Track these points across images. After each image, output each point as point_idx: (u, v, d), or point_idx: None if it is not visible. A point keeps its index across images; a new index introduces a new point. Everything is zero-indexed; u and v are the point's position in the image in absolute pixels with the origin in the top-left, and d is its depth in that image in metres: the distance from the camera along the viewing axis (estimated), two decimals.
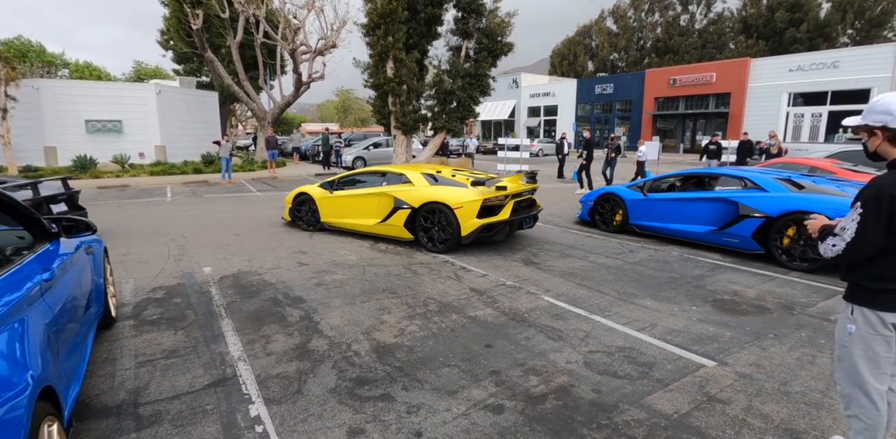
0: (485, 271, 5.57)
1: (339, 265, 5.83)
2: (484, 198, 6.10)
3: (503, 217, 6.28)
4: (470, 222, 6.11)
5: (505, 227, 6.45)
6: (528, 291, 4.84)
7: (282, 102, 23.28)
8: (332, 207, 7.49)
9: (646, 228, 7.45)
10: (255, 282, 5.15)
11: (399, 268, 5.72)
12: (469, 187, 6.28)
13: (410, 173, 6.91)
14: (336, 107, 75.48)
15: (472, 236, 6.19)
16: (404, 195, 6.62)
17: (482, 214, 6.15)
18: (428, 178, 6.73)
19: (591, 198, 8.42)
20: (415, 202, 6.47)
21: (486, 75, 18.19)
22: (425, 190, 6.53)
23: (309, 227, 7.82)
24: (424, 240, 6.55)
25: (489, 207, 6.20)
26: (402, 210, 6.61)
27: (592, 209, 8.25)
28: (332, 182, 7.67)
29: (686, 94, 35.97)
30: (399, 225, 6.67)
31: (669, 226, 7.07)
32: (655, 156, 17.71)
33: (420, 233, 6.56)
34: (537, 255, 6.33)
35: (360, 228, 7.28)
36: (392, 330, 3.85)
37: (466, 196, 6.15)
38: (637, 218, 7.52)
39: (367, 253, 6.46)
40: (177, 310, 4.33)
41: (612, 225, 7.89)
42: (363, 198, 7.14)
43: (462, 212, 6.11)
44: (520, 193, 6.56)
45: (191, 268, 5.76)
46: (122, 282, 5.17)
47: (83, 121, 20.51)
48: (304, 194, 7.81)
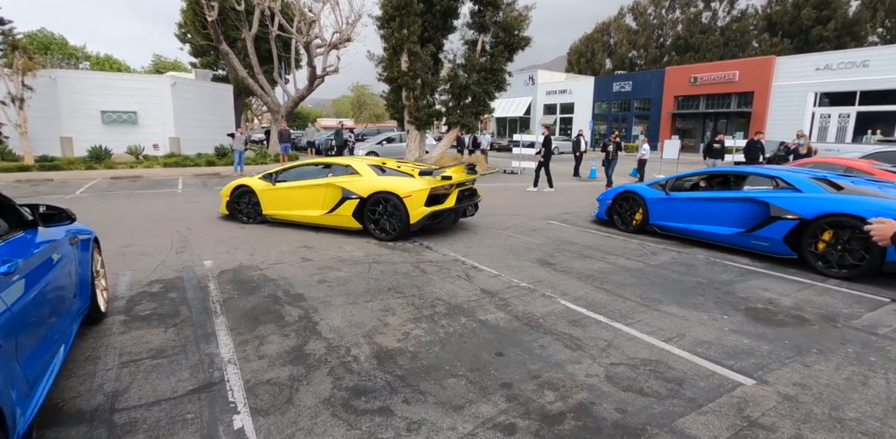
0: (497, 271, 5.26)
1: (344, 261, 5.57)
2: (431, 187, 6.43)
3: (449, 205, 6.67)
4: (418, 210, 6.39)
5: (450, 215, 6.87)
6: (544, 294, 4.52)
7: (296, 96, 23.13)
8: (276, 199, 7.44)
9: (667, 229, 7.09)
10: (255, 278, 4.91)
11: (407, 265, 5.44)
12: (416, 177, 6.58)
13: (357, 164, 7.05)
14: (351, 102, 75.51)
15: (419, 223, 6.48)
16: (352, 185, 6.73)
17: (430, 202, 6.47)
18: (375, 169, 6.93)
19: (608, 196, 8.08)
20: (363, 192, 6.61)
21: (501, 70, 17.81)
22: (373, 180, 6.71)
23: (249, 220, 7.73)
24: (373, 229, 6.73)
25: (436, 196, 6.55)
26: (350, 200, 6.72)
27: (610, 208, 7.92)
28: (272, 174, 7.63)
29: (707, 93, 35.13)
30: (347, 215, 6.77)
31: (693, 228, 6.70)
32: (675, 155, 17.20)
33: (369, 222, 6.72)
34: (553, 256, 5.99)
35: (305, 219, 7.26)
36: (395, 334, 3.57)
37: (414, 185, 6.43)
38: (658, 218, 7.16)
39: (374, 249, 6.19)
40: (171, 306, 4.10)
41: (631, 225, 7.55)
42: (309, 189, 7.15)
43: (410, 200, 6.37)
44: (463, 183, 6.95)
45: (191, 261, 5.54)
46: (119, 275, 4.97)
47: (99, 111, 20.58)
48: (244, 186, 7.70)
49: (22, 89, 17.49)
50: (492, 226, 7.81)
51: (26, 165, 16.70)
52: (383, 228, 6.67)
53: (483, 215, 8.82)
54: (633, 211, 7.53)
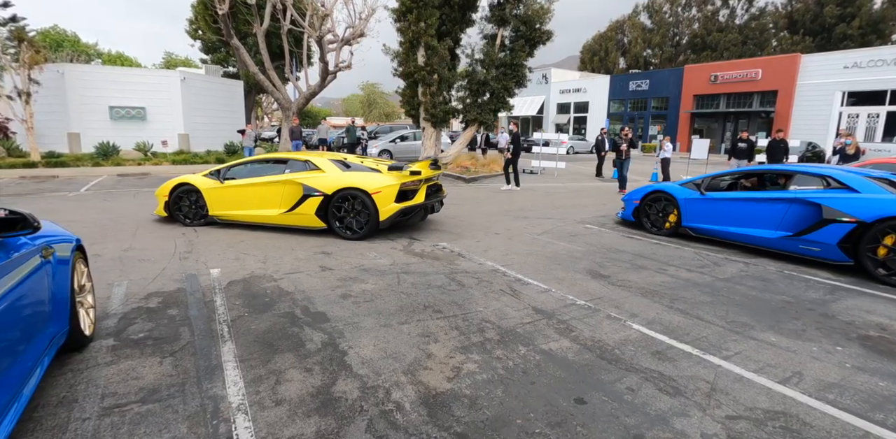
0: (546, 285, 4.57)
1: (368, 271, 4.90)
2: (402, 182, 6.20)
3: (419, 201, 6.44)
4: (388, 207, 6.14)
5: (420, 211, 6.62)
6: (609, 315, 3.82)
7: (307, 92, 22.52)
8: (225, 198, 6.85)
9: (703, 232, 6.51)
10: (268, 291, 4.25)
11: (440, 277, 4.76)
12: (385, 173, 6.33)
13: (318, 160, 6.66)
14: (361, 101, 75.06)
15: (389, 221, 6.23)
16: (314, 182, 6.33)
17: (399, 199, 6.23)
18: (338, 165, 6.56)
19: (636, 196, 7.45)
20: (327, 189, 6.25)
21: (522, 65, 17.07)
22: (338, 176, 6.35)
23: (192, 222, 7.04)
24: (339, 228, 6.36)
25: (405, 192, 6.30)
26: (312, 197, 6.31)
27: (638, 209, 7.30)
28: (219, 171, 6.99)
29: (728, 92, 34.15)
30: (310, 213, 6.36)
31: (732, 230, 6.14)
32: (704, 155, 16.37)
33: (334, 220, 6.36)
34: (604, 266, 5.29)
35: (260, 220, 6.72)
36: (443, 369, 2.89)
37: (384, 181, 6.17)
38: (692, 219, 6.58)
39: (400, 256, 5.52)
40: (170, 327, 3.45)
41: (663, 227, 6.96)
42: (264, 187, 6.65)
43: (380, 197, 6.10)
44: (430, 178, 6.75)
45: (196, 268, 4.90)
46: (114, 285, 4.33)
47: (107, 107, 20.11)
48: (186, 185, 7.01)
49: (28, 83, 17.05)
50: (525, 231, 7.11)
51: (32, 162, 16.25)
52: (350, 227, 6.31)
53: (513, 218, 8.12)
54: (665, 212, 6.97)
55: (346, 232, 6.31)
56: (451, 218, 8.04)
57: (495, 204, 9.81)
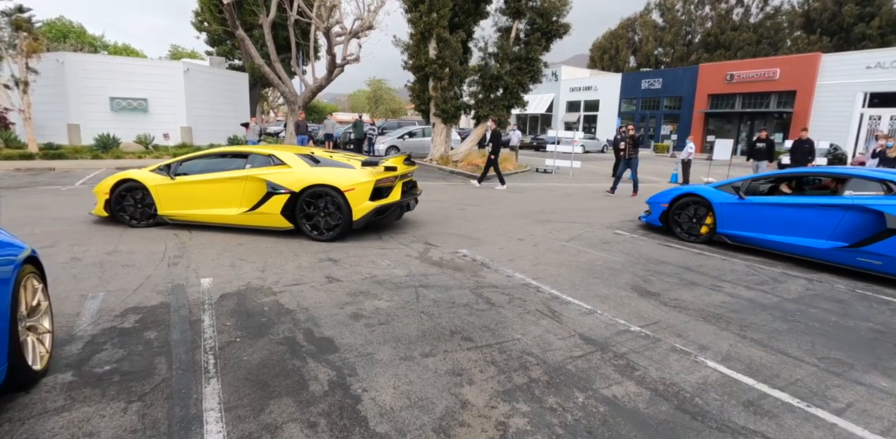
0: (588, 304, 3.93)
1: (381, 283, 4.27)
2: (377, 179, 5.75)
3: (394, 198, 6.01)
4: (362, 205, 5.68)
5: (396, 209, 6.21)
6: (674, 347, 3.18)
7: (314, 86, 21.89)
8: (177, 196, 6.16)
9: (741, 240, 5.99)
10: (266, 307, 3.63)
11: (465, 292, 4.12)
12: (358, 168, 5.85)
13: (283, 154, 6.07)
14: (367, 97, 74.38)
15: (363, 220, 5.76)
16: (280, 178, 5.78)
17: (374, 196, 5.77)
18: (306, 159, 6.01)
19: (663, 199, 6.85)
20: (295, 186, 5.71)
21: (537, 60, 16.38)
22: (307, 172, 5.81)
23: (139, 223, 6.27)
24: (308, 229, 5.83)
25: (380, 189, 5.86)
26: (278, 195, 5.75)
27: (666, 213, 6.73)
28: (169, 166, 6.28)
29: (744, 92, 33.34)
30: (275, 213, 5.79)
31: (776, 239, 5.62)
32: (727, 156, 15.67)
33: (302, 220, 5.82)
34: (649, 281, 4.64)
35: (217, 220, 6.08)
36: (485, 426, 2.26)
37: (357, 177, 5.72)
38: (729, 226, 6.05)
39: (416, 265, 4.88)
40: (144, 356, 2.83)
41: (698, 233, 6.42)
42: (222, 183, 6.02)
43: (354, 194, 5.63)
44: (405, 174, 6.33)
45: (186, 277, 4.28)
46: (88, 297, 3.72)
47: (108, 98, 19.53)
48: (131, 181, 6.25)
49: (26, 72, 16.48)
50: (551, 237, 6.46)
51: (29, 153, 15.70)
52: (320, 227, 5.80)
53: (535, 221, 7.47)
54: (699, 217, 6.42)
55: (316, 232, 5.77)
56: (469, 220, 7.41)
57: (512, 205, 9.17)
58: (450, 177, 14.22)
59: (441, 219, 7.47)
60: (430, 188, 11.42)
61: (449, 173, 15.12)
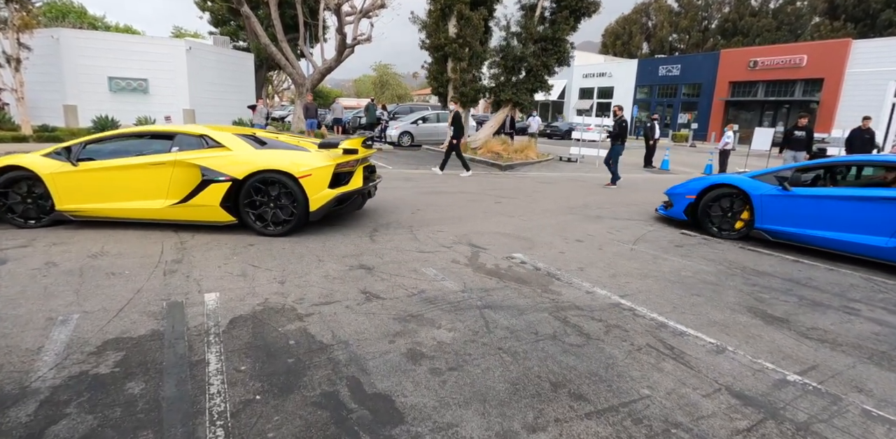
0: (708, 336, 3.01)
1: (433, 302, 3.36)
2: (337, 163, 4.97)
3: (356, 185, 5.25)
4: (321, 194, 4.89)
5: (358, 198, 5.43)
6: (866, 410, 2.26)
7: (322, 67, 20.78)
8: (82, 187, 4.95)
9: (785, 236, 5.37)
10: (292, 341, 2.73)
11: (544, 316, 3.21)
12: (314, 151, 5.08)
13: (220, 135, 5.08)
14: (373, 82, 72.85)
15: (322, 211, 4.98)
16: (218, 163, 4.84)
17: (334, 183, 4.98)
18: (249, 141, 5.11)
19: (689, 190, 6.13)
20: (237, 172, 4.80)
21: (564, 40, 15.25)
22: (251, 156, 4.92)
23: (30, 221, 5.03)
24: (254, 222, 4.97)
25: (339, 175, 5.08)
26: (216, 184, 4.80)
27: (693, 205, 6.08)
28: (69, 149, 5.06)
29: (768, 79, 32.02)
30: (213, 204, 4.85)
31: (827, 236, 5.02)
32: (767, 146, 14.61)
33: (247, 213, 4.94)
34: (763, 300, 3.72)
35: (138, 215, 5.00)
36: None
37: (313, 161, 4.91)
38: (770, 220, 5.42)
39: (470, 276, 3.96)
40: (122, 430, 1.94)
41: (730, 229, 5.78)
42: (141, 170, 4.92)
43: (310, 181, 4.83)
44: (365, 158, 5.61)
45: (186, 291, 3.38)
46: (57, 322, 2.83)
47: (106, 78, 18.50)
48: (16, 169, 4.93)
49: (18, 48, 15.45)
50: (612, 238, 5.53)
51: (23, 136, 14.76)
52: (269, 219, 4.96)
53: (584, 217, 6.53)
54: (734, 210, 5.75)
55: (264, 226, 4.94)
56: (510, 216, 6.47)
57: (549, 198, 8.21)
58: (470, 165, 13.23)
59: (478, 213, 6.54)
60: (454, 178, 10.46)
61: (469, 161, 14.12)
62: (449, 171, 11.05)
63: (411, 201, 7.24)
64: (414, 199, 7.42)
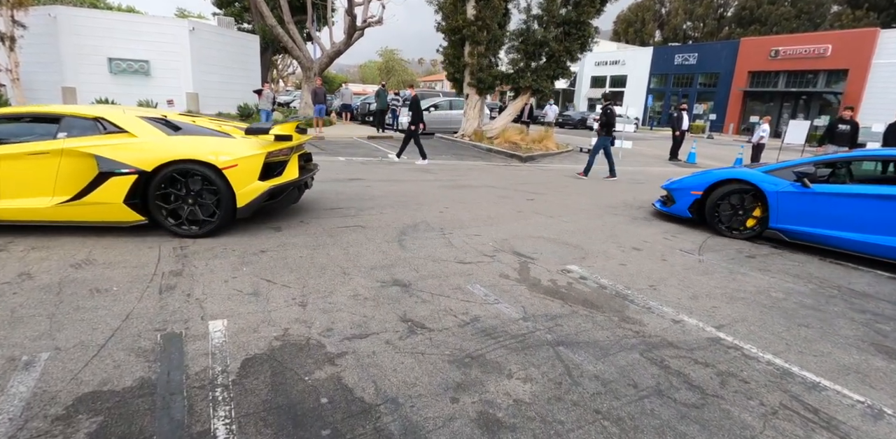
0: (853, 390, 2.36)
1: (493, 336, 2.71)
2: (268, 151, 4.34)
3: (291, 176, 4.61)
4: (250, 187, 4.22)
5: (294, 190, 4.78)
6: None
7: (331, 50, 19.94)
8: None
9: (804, 237, 4.92)
10: (324, 398, 2.08)
11: (635, 357, 2.55)
12: (240, 137, 4.37)
13: (121, 117, 4.21)
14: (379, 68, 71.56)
15: (252, 207, 4.29)
16: (119, 152, 3.99)
17: (265, 174, 4.34)
18: (159, 126, 4.27)
19: (695, 185, 5.62)
20: (145, 163, 3.99)
21: (588, 24, 14.36)
22: (162, 143, 4.12)
23: None
24: (168, 222, 4.19)
25: (271, 165, 4.45)
26: (118, 177, 3.96)
27: (700, 202, 5.63)
28: None
29: (789, 69, 30.96)
30: (114, 201, 3.99)
31: (855, 238, 4.56)
32: (802, 139, 13.84)
33: (159, 211, 4.15)
34: (885, 333, 3.05)
35: (17, 216, 4.05)
36: None
37: (240, 149, 4.23)
38: (789, 220, 4.97)
39: (526, 297, 3.30)
40: None
41: (739, 228, 5.32)
42: (17, 161, 3.98)
43: (236, 172, 4.15)
44: (300, 145, 5.03)
45: (186, 317, 2.74)
46: (20, 364, 2.19)
47: (106, 59, 17.68)
48: None
49: (12, 26, 14.68)
50: (673, 245, 4.86)
51: None
52: (181, 217, 4.19)
53: (631, 220, 5.84)
54: (744, 208, 5.29)
55: (179, 226, 4.18)
56: (548, 216, 5.79)
57: (584, 194, 7.52)
58: (488, 156, 12.53)
59: (511, 212, 5.86)
60: (473, 169, 9.76)
61: (486, 151, 13.40)
62: (457, 162, 10.35)
63: (435, 197, 6.57)
64: (438, 195, 6.74)
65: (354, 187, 6.94)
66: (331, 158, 9.98)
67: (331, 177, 7.70)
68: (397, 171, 8.79)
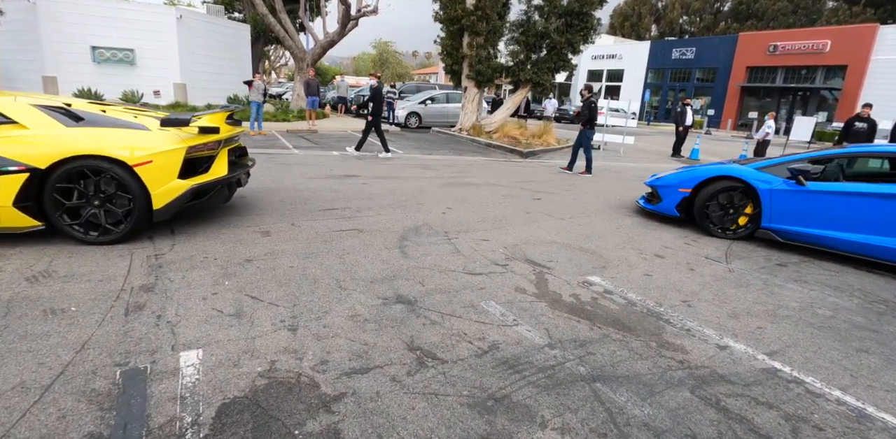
0: None
1: (518, 369, 2.31)
2: (189, 145, 3.82)
3: (219, 173, 4.09)
4: (169, 186, 3.71)
5: (223, 189, 4.26)
6: None
7: (324, 41, 19.34)
8: None
9: (799, 238, 4.66)
10: None
11: (686, 397, 2.17)
12: (156, 130, 3.81)
13: (10, 105, 3.58)
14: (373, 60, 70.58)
15: (171, 209, 3.78)
16: (5, 147, 3.40)
17: (187, 172, 3.84)
18: (57, 116, 3.66)
19: (683, 182, 5.39)
20: (39, 159, 3.42)
21: (591, 15, 13.91)
22: (61, 136, 3.53)
23: None
24: (70, 227, 3.61)
25: (194, 161, 3.94)
26: (4, 176, 3.37)
27: (688, 200, 5.30)
28: None
29: (788, 65, 30.69)
30: (3, 204, 3.41)
31: (853, 239, 4.33)
32: (808, 136, 13.54)
33: (58, 215, 3.56)
34: None
35: None
36: None
37: (155, 143, 3.70)
38: (783, 219, 4.72)
39: (549, 317, 2.91)
40: None
41: (733, 228, 5.04)
42: None
43: (151, 170, 3.63)
44: (230, 139, 4.40)
45: (152, 346, 2.31)
46: None
47: (89, 47, 16.99)
48: None
49: None
50: (696, 251, 4.48)
51: None
52: (91, 222, 3.64)
53: (648, 221, 5.45)
54: (735, 207, 5.02)
55: (84, 232, 3.63)
56: (559, 218, 5.40)
57: (593, 193, 7.13)
58: (487, 151, 12.11)
59: (520, 213, 5.46)
60: (473, 165, 9.34)
61: (485, 146, 12.98)
62: (456, 157, 9.93)
63: (437, 196, 6.15)
64: (439, 193, 6.32)
65: (350, 185, 6.50)
66: (324, 153, 9.51)
67: (325, 173, 7.25)
68: (395, 168, 8.35)
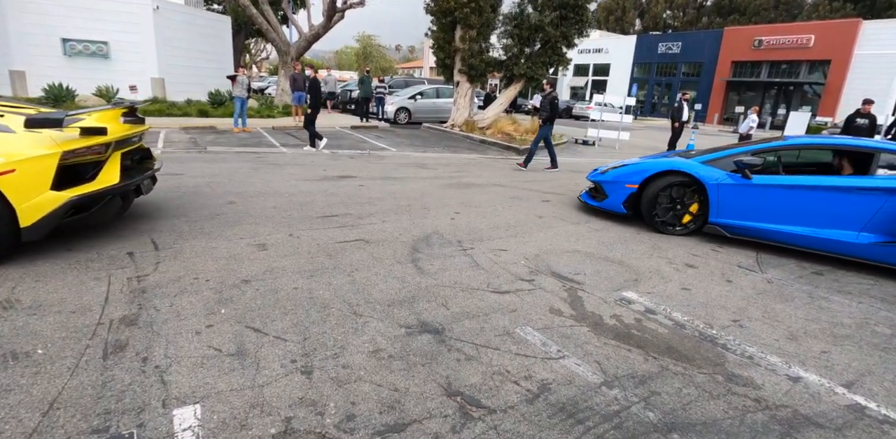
0: None
1: (579, 419, 1.96)
2: (64, 150, 3.19)
3: (108, 182, 3.44)
4: (39, 199, 3.10)
5: (115, 199, 3.57)
6: None
7: (309, 34, 18.71)
8: None
9: (745, 232, 4.63)
10: None
11: None
12: (21, 131, 3.13)
13: None
14: (356, 54, 69.48)
15: (45, 226, 3.15)
16: None
17: (65, 181, 3.24)
18: None
19: (628, 177, 5.19)
20: None
21: (585, 8, 13.60)
22: None
23: None
24: None
25: (75, 167, 3.33)
26: None
27: (636, 196, 5.11)
28: None
29: (772, 59, 30.86)
30: None
31: (794, 231, 4.36)
32: (803, 131, 13.46)
33: None
34: None
35: None
36: None
37: (17, 148, 3.05)
38: (730, 214, 4.68)
39: (594, 345, 2.57)
40: None
41: (681, 223, 4.94)
42: None
43: (13, 180, 2.99)
44: (127, 139, 3.72)
45: (138, 402, 1.91)
46: None
47: (59, 40, 16.13)
48: None
49: None
50: (726, 260, 4.19)
51: None
52: None
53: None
54: (683, 202, 4.91)
55: None
56: (574, 223, 5.07)
57: None
58: (482, 148, 11.75)
59: (533, 219, 5.12)
60: (471, 164, 8.97)
61: (480, 143, 12.62)
62: (452, 155, 9.54)
63: (440, 199, 5.77)
64: (442, 196, 5.95)
65: (347, 187, 6.09)
66: (314, 151, 9.04)
67: (318, 174, 6.81)
68: (390, 167, 7.94)
